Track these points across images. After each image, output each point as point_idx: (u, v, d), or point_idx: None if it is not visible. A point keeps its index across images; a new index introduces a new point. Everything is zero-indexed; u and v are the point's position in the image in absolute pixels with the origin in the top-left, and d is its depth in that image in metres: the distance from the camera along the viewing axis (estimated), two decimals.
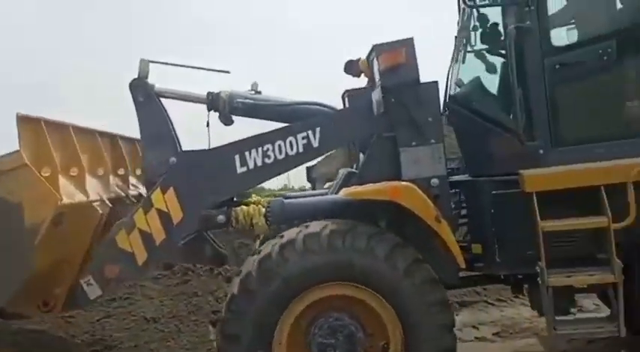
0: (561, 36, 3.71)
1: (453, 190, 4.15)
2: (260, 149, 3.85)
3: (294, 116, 4.13)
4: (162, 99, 4.05)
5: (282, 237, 3.51)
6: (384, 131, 3.81)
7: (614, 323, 3.30)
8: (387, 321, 3.38)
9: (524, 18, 3.52)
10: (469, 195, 4.02)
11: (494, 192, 3.68)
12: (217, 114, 4.24)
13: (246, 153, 3.85)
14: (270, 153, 3.85)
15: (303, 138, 3.85)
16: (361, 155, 4.30)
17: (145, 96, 3.95)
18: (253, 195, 4.32)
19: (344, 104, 4.56)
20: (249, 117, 4.24)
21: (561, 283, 3.30)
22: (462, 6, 4.07)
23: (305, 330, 3.43)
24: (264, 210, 3.91)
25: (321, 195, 4.38)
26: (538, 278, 3.36)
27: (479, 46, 4.14)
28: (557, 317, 3.39)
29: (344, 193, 3.65)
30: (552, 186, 3.34)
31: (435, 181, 3.69)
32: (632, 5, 3.63)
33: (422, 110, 3.69)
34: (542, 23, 3.52)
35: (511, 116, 3.68)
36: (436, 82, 3.79)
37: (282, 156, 3.86)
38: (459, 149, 4.20)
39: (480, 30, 4.00)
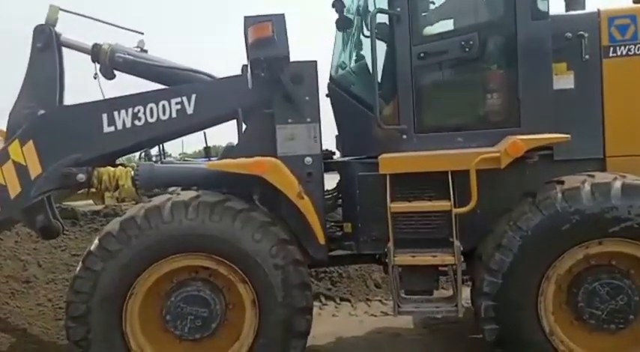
0: (430, 25, 3.80)
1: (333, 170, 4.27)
2: (130, 110, 3.78)
3: (175, 80, 4.07)
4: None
5: (150, 200, 3.55)
6: (261, 106, 3.83)
7: (453, 304, 3.47)
8: (244, 296, 3.45)
9: (395, 4, 3.59)
10: (342, 175, 4.12)
11: (360, 173, 3.80)
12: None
13: (115, 113, 3.77)
14: (140, 115, 3.78)
15: (177, 103, 3.80)
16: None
17: (45, 44, 3.86)
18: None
19: None
20: (130, 73, 4.14)
21: (405, 262, 3.44)
22: None
23: (162, 300, 3.46)
24: (132, 172, 3.84)
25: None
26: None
27: (364, 30, 4.22)
28: (401, 296, 3.54)
29: (208, 165, 3.69)
30: (403, 170, 3.46)
31: (308, 159, 3.77)
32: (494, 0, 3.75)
33: (298, 88, 3.74)
34: (411, 11, 3.60)
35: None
36: (314, 62, 3.83)
37: (154, 119, 3.80)
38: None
39: (361, 15, 4.07)
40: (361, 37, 4.28)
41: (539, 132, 3.42)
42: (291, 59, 3.69)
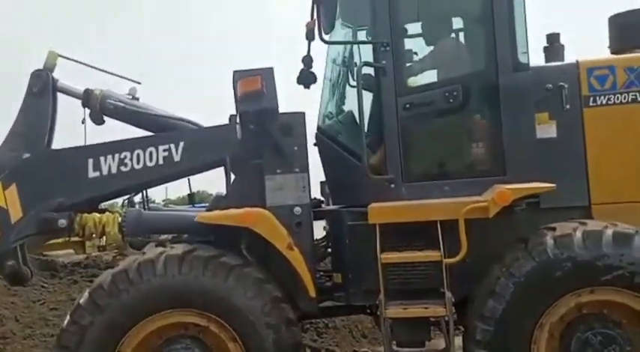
0: (414, 77, 3.89)
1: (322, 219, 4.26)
2: (117, 156, 3.76)
3: (164, 128, 4.07)
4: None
5: (143, 253, 3.51)
6: (250, 156, 3.83)
7: None
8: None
9: (381, 57, 3.68)
10: (332, 224, 4.10)
11: (349, 222, 3.78)
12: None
13: (102, 158, 3.75)
14: (127, 161, 3.77)
15: (164, 150, 3.79)
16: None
17: (40, 90, 3.85)
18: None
19: None
20: (120, 120, 4.13)
21: (397, 315, 3.38)
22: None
23: None
24: (119, 219, 3.79)
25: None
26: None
27: (350, 81, 4.30)
28: (393, 348, 3.46)
29: (199, 217, 3.65)
30: (392, 219, 3.45)
31: (297, 209, 3.76)
32: (476, 53, 3.86)
33: (287, 139, 3.77)
34: (396, 64, 3.68)
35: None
36: (303, 113, 3.89)
37: (140, 166, 3.78)
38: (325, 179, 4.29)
39: (347, 66, 4.16)
40: (347, 87, 4.36)
41: (524, 180, 3.45)
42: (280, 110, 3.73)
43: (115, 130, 4.24)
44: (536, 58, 3.82)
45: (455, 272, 3.41)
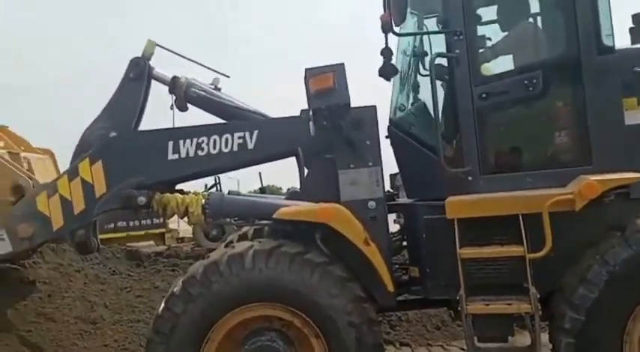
0: (489, 65, 3.75)
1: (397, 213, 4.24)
2: (195, 140, 3.89)
3: (237, 119, 4.17)
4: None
5: (233, 246, 3.63)
6: (323, 151, 3.87)
7: None
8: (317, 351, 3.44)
9: (454, 46, 3.58)
10: (407, 218, 4.07)
11: (425, 216, 3.74)
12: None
13: (181, 142, 3.89)
14: (204, 145, 3.89)
15: (239, 137, 3.90)
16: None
17: (137, 76, 4.06)
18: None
19: None
20: (201, 108, 4.28)
21: (479, 311, 3.32)
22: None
23: (237, 347, 3.49)
24: (202, 201, 3.91)
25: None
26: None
27: (421, 71, 4.22)
28: (476, 344, 3.42)
29: (277, 213, 3.72)
30: (471, 214, 3.38)
31: (372, 204, 3.75)
32: (556, 37, 3.67)
33: (359, 133, 3.76)
34: (470, 52, 3.57)
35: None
36: (374, 107, 3.86)
37: (216, 151, 3.89)
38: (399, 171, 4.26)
39: (417, 56, 4.07)
40: (418, 78, 4.28)
41: (611, 170, 3.29)
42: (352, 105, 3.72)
43: (201, 117, 4.37)
44: (621, 40, 3.60)
45: (539, 267, 3.29)
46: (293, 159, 4.07)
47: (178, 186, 4.23)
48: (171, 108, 4.22)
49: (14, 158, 4.79)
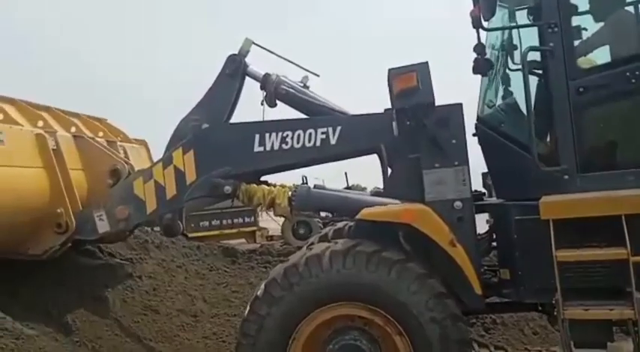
0: (587, 58, 3.54)
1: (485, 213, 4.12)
2: (280, 134, 4.03)
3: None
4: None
5: (310, 248, 3.70)
6: (407, 151, 3.84)
7: None
8: (401, 349, 3.42)
9: (548, 40, 3.42)
10: (497, 218, 3.94)
11: (517, 217, 3.60)
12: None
13: (267, 135, 4.04)
14: (288, 139, 4.02)
15: (322, 133, 3.99)
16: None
17: (233, 73, 4.33)
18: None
19: None
20: (289, 105, 4.41)
21: (578, 316, 3.16)
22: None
23: (321, 346, 3.56)
24: (289, 193, 4.02)
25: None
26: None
27: (510, 65, 4.06)
28: (572, 349, 3.25)
29: (361, 214, 3.75)
30: (569, 215, 3.21)
31: (458, 204, 3.67)
32: None
33: (444, 132, 3.70)
34: (566, 45, 3.39)
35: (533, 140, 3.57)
36: (460, 104, 3.78)
37: (299, 145, 4.01)
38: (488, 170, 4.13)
39: (506, 50, 3.92)
40: (508, 72, 4.12)
41: None
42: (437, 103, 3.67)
43: (290, 113, 4.51)
44: None
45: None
46: (377, 158, 4.09)
47: (265, 180, 4.38)
48: (262, 104, 4.41)
49: (111, 146, 5.28)
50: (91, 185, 4.81)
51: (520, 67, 3.91)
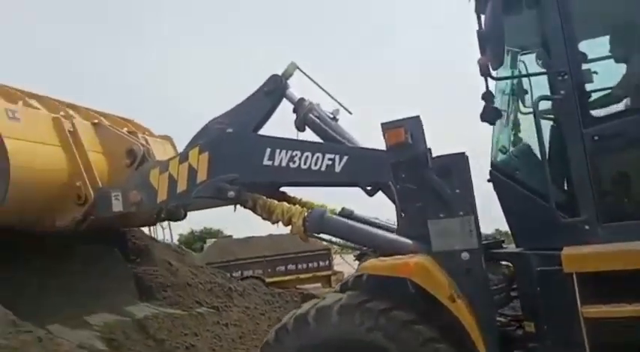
0: (601, 104, 3.47)
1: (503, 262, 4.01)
2: (290, 152, 4.12)
3: None
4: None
5: (324, 298, 3.65)
6: (411, 200, 3.76)
7: None
8: None
9: (558, 87, 3.36)
10: (518, 268, 3.82)
11: (539, 268, 3.48)
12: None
13: (277, 150, 4.13)
14: (296, 159, 4.10)
15: (329, 159, 4.04)
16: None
17: (271, 90, 4.51)
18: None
19: None
20: (315, 133, 4.56)
21: None
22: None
23: None
24: (305, 214, 4.04)
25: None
26: None
27: (522, 109, 4.01)
28: None
29: (362, 267, 3.72)
30: (595, 268, 3.08)
31: (465, 255, 3.56)
32: None
33: (447, 182, 3.63)
34: (578, 92, 3.33)
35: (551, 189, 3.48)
36: (462, 153, 3.72)
37: (305, 166, 4.08)
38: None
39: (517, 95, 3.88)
40: (519, 116, 4.06)
41: None
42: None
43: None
44: None
45: None
46: None
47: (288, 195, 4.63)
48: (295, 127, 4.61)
49: (133, 135, 5.62)
50: (111, 168, 5.18)
51: (531, 111, 3.89)
